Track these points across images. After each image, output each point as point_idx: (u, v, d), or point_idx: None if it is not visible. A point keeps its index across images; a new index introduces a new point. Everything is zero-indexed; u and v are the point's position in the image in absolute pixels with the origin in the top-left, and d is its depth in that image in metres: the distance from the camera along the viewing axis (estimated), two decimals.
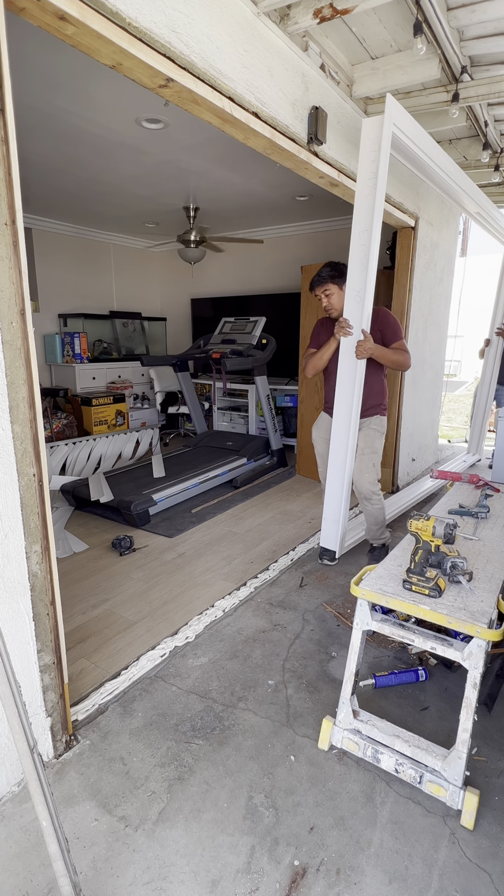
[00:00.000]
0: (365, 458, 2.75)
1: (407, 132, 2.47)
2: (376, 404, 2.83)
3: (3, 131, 1.21)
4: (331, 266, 2.69)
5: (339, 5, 1.92)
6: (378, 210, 2.41)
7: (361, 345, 2.50)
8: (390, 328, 2.69)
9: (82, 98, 2.65)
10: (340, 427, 2.69)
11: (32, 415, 1.39)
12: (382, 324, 2.68)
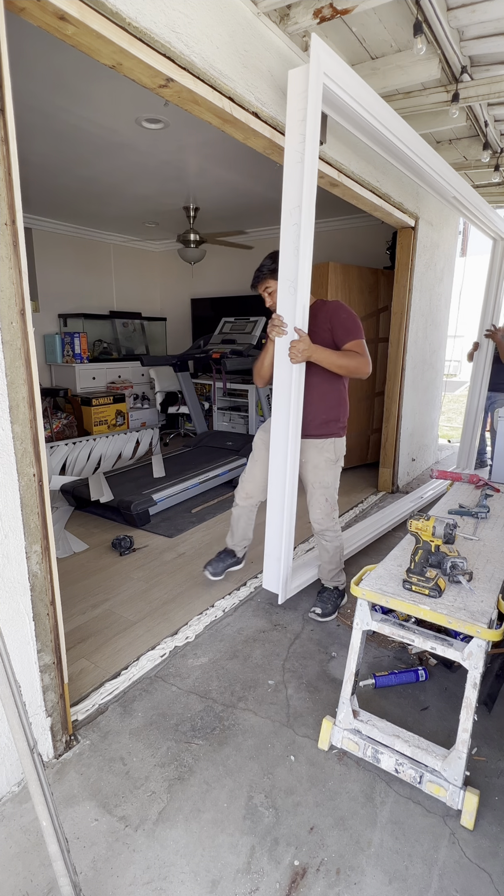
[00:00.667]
0: (315, 493, 2.32)
1: (343, 84, 2.01)
2: (329, 421, 2.25)
3: (3, 131, 1.21)
4: (272, 258, 2.21)
5: (339, 5, 1.92)
6: (309, 181, 1.99)
7: (294, 346, 2.02)
8: (342, 326, 2.14)
9: (82, 98, 2.65)
10: (277, 450, 2.22)
11: (32, 415, 1.39)
12: (332, 320, 2.15)
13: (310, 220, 2.03)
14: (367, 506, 3.95)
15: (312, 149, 1.96)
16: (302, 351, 2.02)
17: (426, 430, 4.98)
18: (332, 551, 2.44)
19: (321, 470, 2.29)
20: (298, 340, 2.03)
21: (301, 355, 2.03)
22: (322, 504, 2.34)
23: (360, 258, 5.30)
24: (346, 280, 4.27)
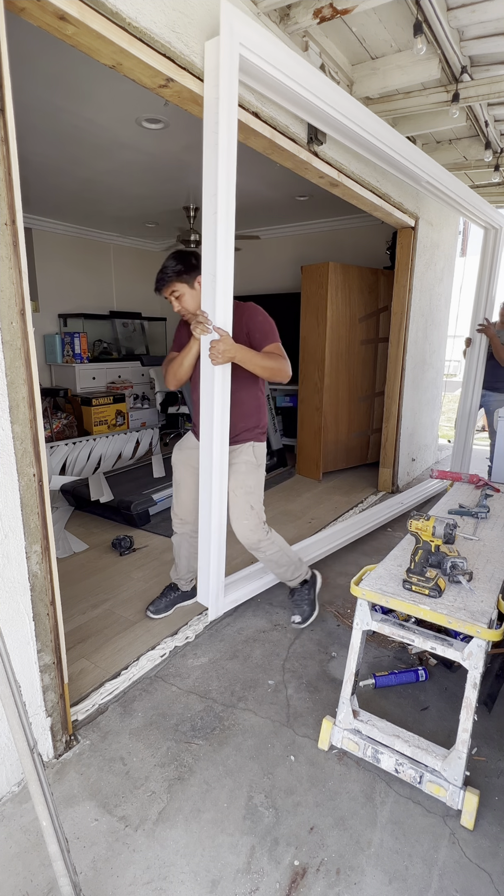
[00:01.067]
0: (238, 500, 2.12)
1: (265, 54, 1.79)
2: (248, 428, 2.16)
3: (3, 131, 1.21)
4: (176, 257, 2.02)
5: (339, 5, 1.92)
6: (225, 166, 1.77)
7: (215, 346, 1.86)
8: (259, 329, 2.04)
9: (82, 98, 2.65)
10: (205, 456, 2.05)
11: (32, 415, 1.39)
12: (249, 324, 2.04)
13: (228, 208, 1.82)
14: (367, 506, 3.94)
15: (228, 131, 1.75)
16: (223, 352, 1.87)
17: (426, 430, 4.98)
18: (277, 557, 2.24)
19: (242, 473, 2.12)
20: (219, 341, 1.87)
21: (222, 356, 1.87)
22: (246, 512, 2.12)
23: (360, 258, 5.30)
24: (346, 280, 4.27)
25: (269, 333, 2.06)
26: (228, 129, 1.75)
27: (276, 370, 2.00)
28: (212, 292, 1.89)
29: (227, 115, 1.73)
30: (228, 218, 1.83)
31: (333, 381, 4.42)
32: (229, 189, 1.81)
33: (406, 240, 3.91)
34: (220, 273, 1.86)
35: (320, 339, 4.28)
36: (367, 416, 4.84)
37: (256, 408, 2.20)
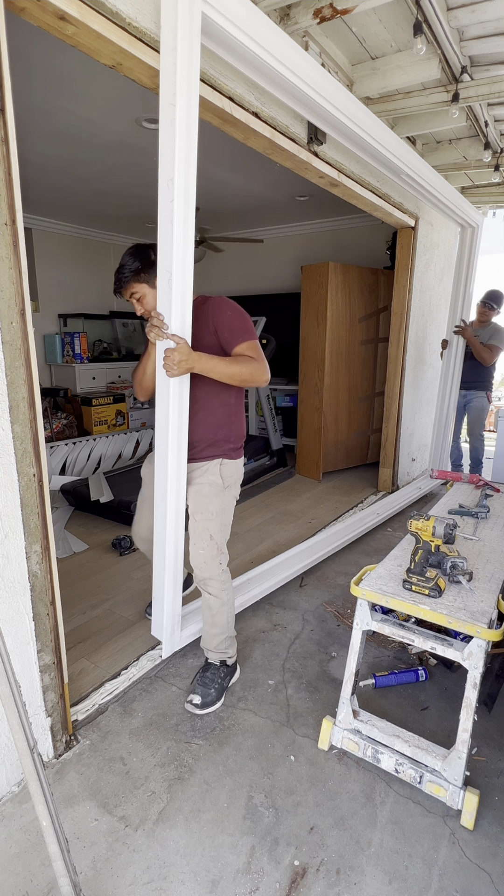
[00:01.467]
0: (196, 525, 1.85)
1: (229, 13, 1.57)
2: (215, 442, 1.85)
3: (3, 131, 1.21)
4: (133, 253, 1.77)
5: (339, 5, 1.92)
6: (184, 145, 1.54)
7: (169, 356, 1.60)
8: (227, 326, 1.74)
9: (82, 98, 2.65)
10: (160, 474, 1.82)
11: (32, 415, 1.39)
12: (216, 320, 1.74)
13: (187, 196, 1.60)
14: (367, 506, 3.94)
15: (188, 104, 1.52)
16: (178, 363, 1.59)
17: (426, 430, 4.98)
18: (217, 609, 1.88)
19: (203, 496, 1.84)
20: (174, 349, 1.60)
21: (177, 367, 1.60)
22: (205, 541, 1.85)
23: (360, 258, 5.29)
24: (346, 280, 4.27)
25: (240, 330, 1.74)
26: (188, 101, 1.51)
27: (246, 377, 1.69)
28: (167, 292, 1.64)
29: (187, 85, 1.50)
30: (187, 207, 1.61)
31: (333, 381, 4.41)
32: (188, 173, 1.58)
33: (406, 240, 3.91)
34: (176, 270, 1.62)
35: (320, 339, 4.28)
36: (367, 416, 4.84)
37: (228, 417, 1.87)
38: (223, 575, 1.90)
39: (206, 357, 1.66)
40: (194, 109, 1.55)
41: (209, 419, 1.83)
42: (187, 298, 1.67)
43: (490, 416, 7.10)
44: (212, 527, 1.85)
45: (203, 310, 1.75)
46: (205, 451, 1.85)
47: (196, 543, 1.86)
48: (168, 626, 1.99)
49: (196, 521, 1.86)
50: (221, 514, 1.88)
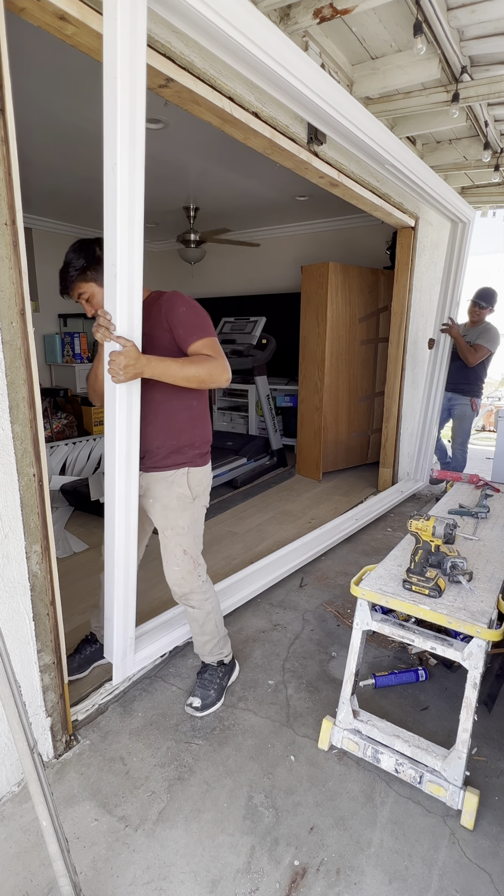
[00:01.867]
0: (168, 542, 1.74)
1: (220, 8, 1.49)
2: (179, 448, 1.70)
3: (3, 131, 1.21)
4: (77, 250, 1.62)
5: (339, 5, 1.92)
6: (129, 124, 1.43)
7: (114, 360, 1.43)
8: (182, 323, 1.60)
9: (82, 98, 2.65)
10: (109, 488, 1.68)
11: (32, 415, 1.39)
12: (169, 317, 1.60)
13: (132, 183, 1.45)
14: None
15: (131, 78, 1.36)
16: (125, 367, 1.42)
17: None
18: (203, 619, 1.83)
19: (172, 511, 1.71)
20: (119, 353, 1.43)
21: (123, 373, 1.43)
22: (178, 557, 1.74)
23: (360, 258, 5.29)
24: (346, 280, 4.27)
25: (195, 327, 1.60)
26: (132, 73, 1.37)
27: (204, 378, 1.55)
28: (112, 289, 1.48)
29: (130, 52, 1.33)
30: (133, 195, 1.44)
31: (333, 381, 4.41)
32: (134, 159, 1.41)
33: (406, 240, 3.91)
34: (121, 265, 1.44)
35: (320, 339, 4.28)
36: (367, 416, 4.84)
37: (191, 422, 1.72)
38: (203, 585, 1.81)
39: (157, 360, 1.50)
40: (140, 84, 1.38)
41: (170, 424, 1.68)
42: (135, 296, 1.52)
43: (490, 417, 7.09)
44: (184, 542, 1.74)
45: (156, 307, 1.62)
46: (168, 459, 1.70)
47: (170, 561, 1.76)
48: (119, 649, 1.80)
49: (167, 537, 1.74)
50: (193, 526, 1.75)
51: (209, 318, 1.67)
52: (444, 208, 3.63)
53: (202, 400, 1.77)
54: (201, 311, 1.65)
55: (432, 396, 4.13)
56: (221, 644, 1.90)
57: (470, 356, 3.79)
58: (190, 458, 1.73)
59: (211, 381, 1.58)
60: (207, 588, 1.84)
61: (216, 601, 1.88)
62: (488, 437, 6.65)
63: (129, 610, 1.79)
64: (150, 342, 1.57)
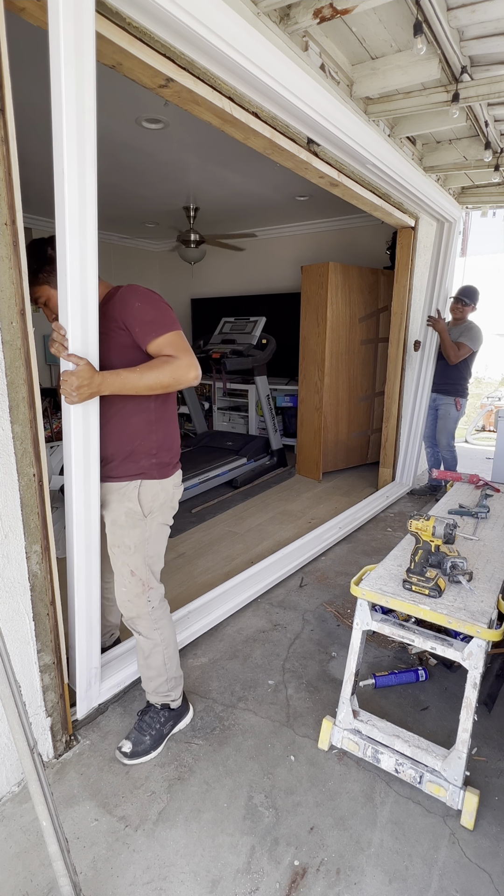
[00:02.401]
0: (115, 560, 1.62)
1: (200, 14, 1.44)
2: (129, 455, 1.56)
3: (3, 131, 1.21)
4: (29, 250, 1.42)
5: (339, 5, 1.92)
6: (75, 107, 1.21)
7: (66, 381, 1.34)
8: (139, 320, 1.44)
9: None
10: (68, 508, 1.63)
11: (32, 415, 1.39)
12: (124, 315, 1.44)
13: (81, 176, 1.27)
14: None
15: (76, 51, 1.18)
16: (77, 388, 1.33)
17: None
18: (149, 650, 1.64)
19: (120, 527, 1.58)
20: (72, 372, 1.33)
21: (77, 394, 1.33)
22: (125, 578, 1.60)
23: (360, 258, 5.30)
24: (346, 280, 4.27)
25: (154, 323, 1.43)
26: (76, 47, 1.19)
27: (169, 382, 1.42)
28: (64, 298, 1.34)
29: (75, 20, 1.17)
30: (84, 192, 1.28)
31: (333, 381, 4.42)
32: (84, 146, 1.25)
33: (406, 240, 3.91)
34: (71, 274, 1.31)
35: (320, 339, 4.28)
36: (367, 416, 4.85)
37: (147, 426, 1.55)
38: (154, 612, 1.62)
39: (112, 375, 1.38)
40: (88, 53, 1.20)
41: (123, 427, 1.53)
42: (90, 307, 1.37)
43: (490, 417, 7.09)
44: (132, 562, 1.58)
45: (109, 305, 1.47)
46: (120, 468, 1.56)
47: (117, 581, 1.62)
48: (83, 679, 1.68)
49: (114, 554, 1.61)
50: (143, 546, 1.58)
51: (169, 309, 1.50)
52: (430, 208, 3.61)
53: (164, 403, 1.58)
54: (159, 304, 1.48)
55: (418, 400, 4.10)
56: (170, 685, 1.69)
57: (452, 353, 3.74)
58: (144, 468, 1.56)
59: (177, 384, 1.44)
60: (159, 616, 1.64)
61: (169, 633, 1.68)
62: (488, 437, 6.65)
63: (94, 637, 1.69)
64: (108, 344, 1.45)
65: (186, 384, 1.45)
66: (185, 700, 1.79)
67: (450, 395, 3.90)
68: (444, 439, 3.97)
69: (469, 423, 6.92)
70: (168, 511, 1.64)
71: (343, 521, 3.50)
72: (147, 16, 1.47)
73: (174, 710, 1.72)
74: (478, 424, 6.98)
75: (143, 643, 1.65)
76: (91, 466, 1.52)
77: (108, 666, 1.91)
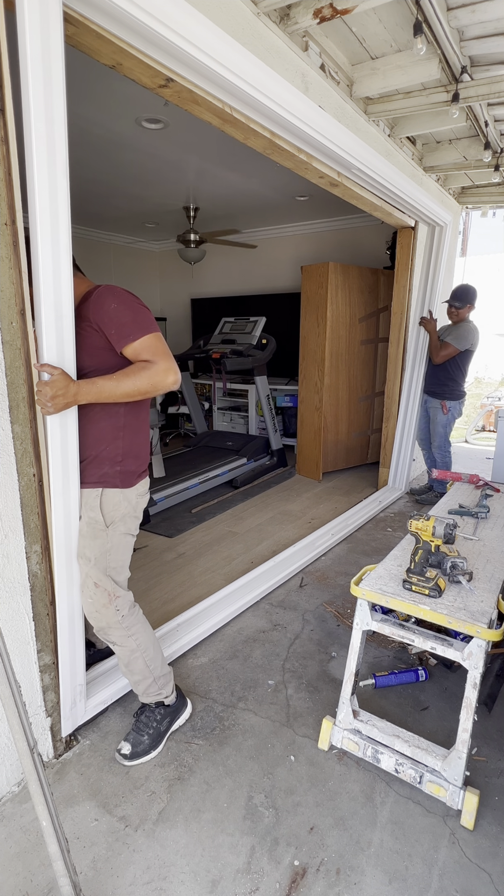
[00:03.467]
0: (80, 571, 1.56)
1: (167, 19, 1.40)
2: (94, 460, 1.50)
3: (3, 131, 1.21)
4: None
5: (339, 5, 1.92)
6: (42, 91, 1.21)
7: (41, 392, 1.31)
8: (114, 322, 1.38)
9: (82, 98, 2.65)
10: (54, 505, 1.47)
11: (32, 415, 1.39)
12: (98, 317, 1.38)
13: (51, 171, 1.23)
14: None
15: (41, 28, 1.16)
16: (52, 399, 1.30)
17: None
18: (127, 657, 1.62)
19: (82, 537, 1.52)
20: (46, 383, 1.30)
21: (52, 405, 1.30)
22: (90, 590, 1.54)
23: (360, 258, 5.30)
24: (346, 280, 4.27)
25: (130, 326, 1.38)
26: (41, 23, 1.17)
27: (147, 388, 1.38)
28: (37, 298, 1.29)
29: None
30: (55, 189, 1.23)
31: (333, 381, 4.42)
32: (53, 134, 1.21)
33: (406, 240, 3.91)
34: (44, 276, 1.26)
35: (320, 339, 4.28)
36: (367, 416, 4.85)
37: (114, 431, 1.50)
38: (125, 621, 1.58)
39: (88, 384, 1.35)
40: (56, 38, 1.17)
41: (89, 430, 1.48)
42: (64, 312, 1.32)
43: (490, 417, 7.09)
44: (94, 574, 1.53)
45: (84, 305, 1.41)
46: (83, 473, 1.50)
47: (83, 592, 1.57)
48: (68, 696, 1.61)
49: (79, 564, 1.55)
50: (104, 557, 1.53)
51: (147, 311, 1.44)
52: (418, 212, 3.57)
53: (134, 409, 1.53)
54: (136, 305, 1.42)
55: (409, 403, 4.08)
56: (160, 684, 1.68)
57: (434, 353, 3.70)
58: (106, 476, 1.51)
59: (155, 390, 1.39)
60: (131, 623, 1.60)
61: (145, 637, 1.64)
62: (488, 437, 6.65)
63: (77, 653, 1.62)
64: (80, 345, 1.40)
65: (165, 389, 1.40)
66: (182, 695, 1.78)
67: (437, 398, 3.82)
68: (435, 440, 3.90)
69: (469, 423, 6.92)
70: (131, 521, 1.58)
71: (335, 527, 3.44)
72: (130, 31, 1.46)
73: (169, 706, 1.71)
74: (478, 424, 6.98)
75: (120, 652, 1.62)
76: (70, 475, 1.47)
77: (95, 682, 1.85)
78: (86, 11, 1.35)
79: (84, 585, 1.56)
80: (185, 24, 1.51)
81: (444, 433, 3.83)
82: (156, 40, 1.50)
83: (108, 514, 1.52)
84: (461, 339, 3.61)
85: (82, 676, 1.67)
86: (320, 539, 3.23)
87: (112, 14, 1.38)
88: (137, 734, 1.65)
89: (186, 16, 1.51)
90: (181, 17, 1.49)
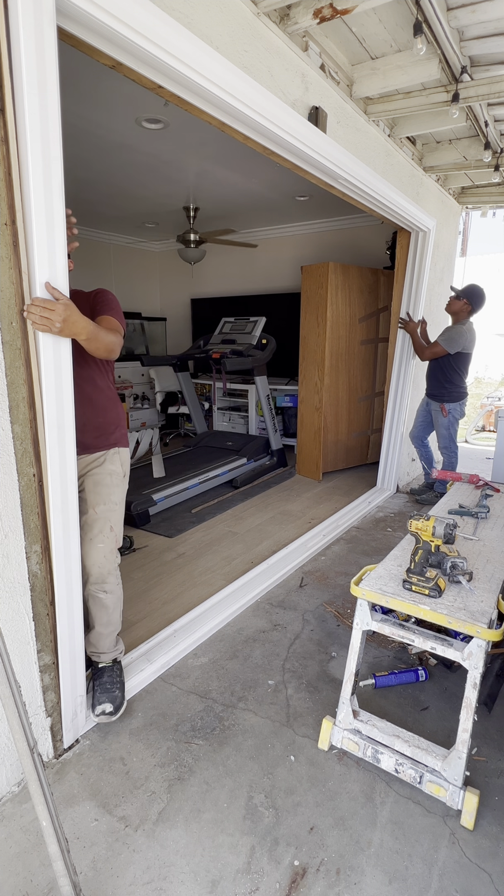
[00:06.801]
0: (99, 520, 1.75)
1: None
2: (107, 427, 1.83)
3: (3, 131, 1.21)
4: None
5: (339, 5, 1.92)
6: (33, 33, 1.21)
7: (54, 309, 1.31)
8: (105, 301, 1.75)
9: (82, 98, 2.65)
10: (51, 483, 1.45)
11: (32, 415, 1.39)
12: (95, 300, 1.75)
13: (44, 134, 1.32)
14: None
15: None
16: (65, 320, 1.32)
17: None
18: (113, 605, 1.78)
19: (105, 486, 1.75)
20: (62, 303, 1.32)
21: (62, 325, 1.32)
22: (105, 534, 1.74)
23: (360, 258, 5.30)
24: (346, 280, 4.27)
25: (114, 311, 1.71)
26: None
27: (112, 347, 1.60)
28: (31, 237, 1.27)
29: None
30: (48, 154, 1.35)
31: (333, 381, 4.42)
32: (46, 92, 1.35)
33: (406, 240, 3.91)
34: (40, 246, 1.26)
35: (320, 339, 4.28)
36: (367, 416, 4.84)
37: (112, 402, 1.84)
38: (117, 569, 1.84)
39: (87, 319, 1.45)
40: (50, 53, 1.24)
41: (96, 403, 1.77)
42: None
43: (490, 417, 7.09)
44: (113, 517, 1.79)
45: (77, 299, 1.56)
46: (98, 439, 1.79)
47: (95, 538, 1.74)
48: (69, 707, 1.63)
49: (97, 513, 1.75)
50: (121, 503, 1.84)
51: (122, 316, 1.79)
52: (400, 217, 3.50)
53: (113, 384, 1.90)
54: (119, 308, 1.78)
55: (396, 404, 4.08)
56: (118, 638, 1.89)
57: (419, 350, 3.71)
58: (118, 438, 1.86)
59: (112, 354, 1.64)
60: (119, 577, 1.86)
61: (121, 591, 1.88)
62: (488, 437, 6.65)
63: (77, 662, 1.63)
64: None
65: (112, 356, 1.67)
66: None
67: (436, 401, 3.82)
68: (440, 442, 3.91)
69: (469, 423, 6.92)
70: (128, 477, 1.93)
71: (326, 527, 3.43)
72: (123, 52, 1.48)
73: (118, 661, 1.90)
74: (478, 424, 6.98)
75: (109, 600, 1.80)
76: (69, 475, 1.49)
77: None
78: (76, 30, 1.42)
79: (102, 532, 1.76)
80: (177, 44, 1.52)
81: (448, 434, 3.84)
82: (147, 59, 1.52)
83: (124, 465, 1.88)
84: (451, 342, 3.60)
85: (82, 687, 1.70)
86: (312, 540, 3.22)
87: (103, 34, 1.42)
88: (110, 692, 1.77)
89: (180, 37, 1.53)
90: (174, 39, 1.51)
